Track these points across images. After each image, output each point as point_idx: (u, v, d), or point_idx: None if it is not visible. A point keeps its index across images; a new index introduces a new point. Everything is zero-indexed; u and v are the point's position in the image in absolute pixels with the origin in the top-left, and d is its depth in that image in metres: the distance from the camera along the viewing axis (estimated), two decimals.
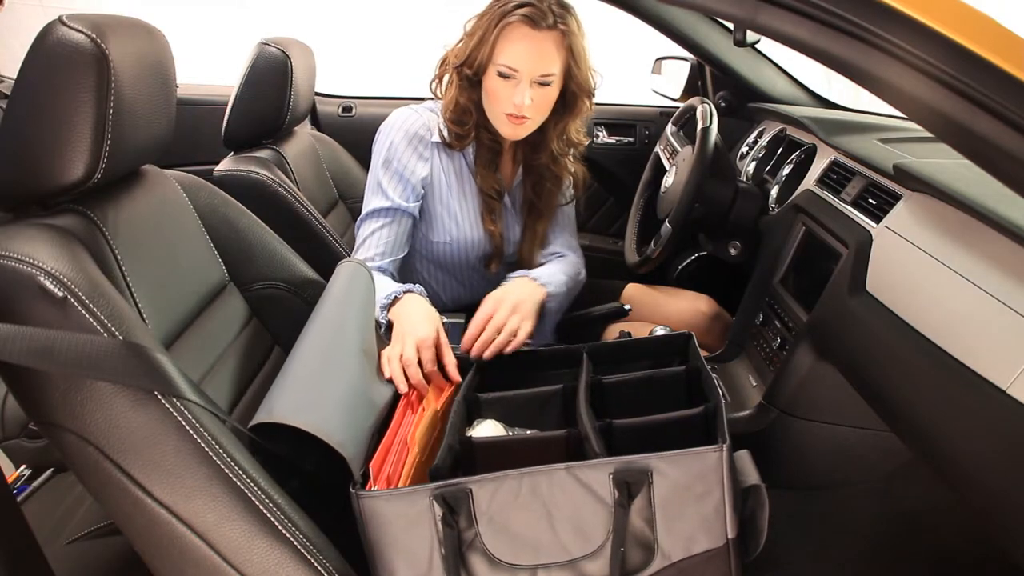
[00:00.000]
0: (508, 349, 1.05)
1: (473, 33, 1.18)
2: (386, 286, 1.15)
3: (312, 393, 0.83)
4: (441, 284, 1.39)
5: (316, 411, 0.80)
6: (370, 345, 0.98)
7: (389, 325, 1.09)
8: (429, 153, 1.27)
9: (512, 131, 1.22)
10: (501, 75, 1.16)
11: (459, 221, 1.30)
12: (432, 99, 1.32)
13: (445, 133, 1.27)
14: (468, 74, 1.19)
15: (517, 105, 1.16)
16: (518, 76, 1.15)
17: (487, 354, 1.04)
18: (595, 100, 1.31)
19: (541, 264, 1.37)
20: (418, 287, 1.17)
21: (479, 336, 1.06)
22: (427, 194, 1.28)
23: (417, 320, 1.04)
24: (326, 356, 0.89)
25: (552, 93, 1.20)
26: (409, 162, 1.24)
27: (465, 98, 1.22)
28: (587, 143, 1.37)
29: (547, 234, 1.38)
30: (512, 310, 1.07)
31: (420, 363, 0.99)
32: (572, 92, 1.24)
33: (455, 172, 1.30)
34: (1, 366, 0.65)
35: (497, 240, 1.33)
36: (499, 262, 1.36)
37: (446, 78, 1.26)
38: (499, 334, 1.05)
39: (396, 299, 1.11)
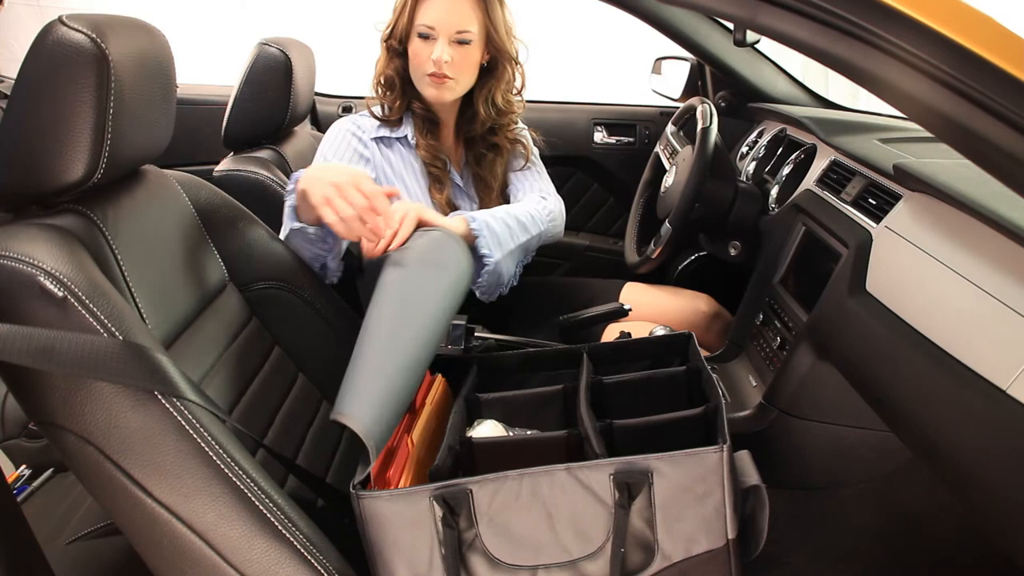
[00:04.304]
0: (388, 244, 0.99)
1: (397, 6, 1.25)
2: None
3: (384, 404, 0.78)
4: None
5: (383, 428, 0.76)
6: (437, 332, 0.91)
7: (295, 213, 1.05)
8: (369, 152, 1.29)
9: (436, 93, 1.25)
10: (421, 36, 1.22)
11: None
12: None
13: (376, 110, 1.31)
14: (394, 45, 1.26)
15: (436, 61, 1.21)
16: (435, 33, 1.21)
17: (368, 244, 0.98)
18: (597, 101, 1.31)
19: None
20: None
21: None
22: None
23: (325, 168, 1.01)
24: (398, 350, 0.83)
25: (472, 54, 1.24)
26: (351, 161, 1.26)
27: (391, 68, 1.28)
28: (520, 111, 1.39)
29: (514, 196, 1.40)
30: (405, 212, 1.02)
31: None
32: (493, 57, 1.29)
33: (400, 160, 1.32)
34: (1, 366, 0.65)
35: (443, 209, 1.32)
36: None
37: (378, 56, 1.31)
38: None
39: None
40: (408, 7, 1.22)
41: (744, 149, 1.80)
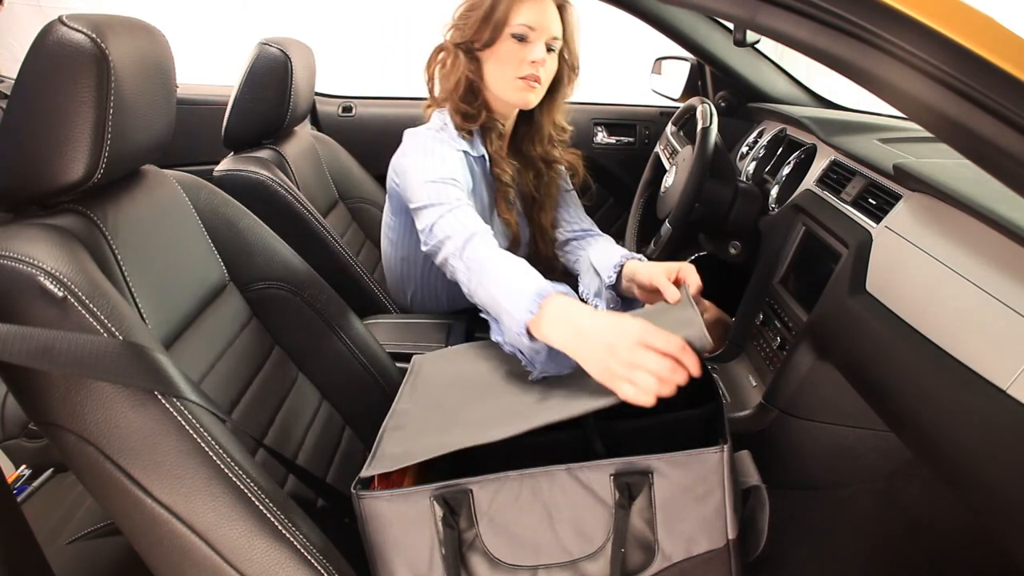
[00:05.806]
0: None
1: (475, 7, 1.20)
2: (527, 275, 0.88)
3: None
4: (445, 284, 1.38)
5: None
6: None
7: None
8: (462, 163, 1.24)
9: (523, 97, 1.22)
10: (517, 37, 1.18)
11: None
12: (431, 108, 1.29)
13: (457, 118, 1.24)
14: (474, 49, 1.21)
15: (535, 62, 1.18)
16: (534, 36, 1.18)
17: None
18: (597, 101, 1.31)
19: (566, 244, 1.37)
20: (563, 286, 0.88)
21: None
22: None
23: (613, 319, 0.78)
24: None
25: (554, 64, 1.23)
26: (457, 165, 1.17)
27: (473, 73, 1.23)
28: (571, 130, 1.38)
29: (561, 218, 1.38)
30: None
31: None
32: (563, 68, 1.26)
33: (468, 171, 1.28)
34: (1, 366, 0.65)
35: (514, 229, 1.31)
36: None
37: (449, 62, 1.25)
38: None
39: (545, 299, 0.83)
40: (502, 8, 1.16)
41: (744, 149, 1.80)
